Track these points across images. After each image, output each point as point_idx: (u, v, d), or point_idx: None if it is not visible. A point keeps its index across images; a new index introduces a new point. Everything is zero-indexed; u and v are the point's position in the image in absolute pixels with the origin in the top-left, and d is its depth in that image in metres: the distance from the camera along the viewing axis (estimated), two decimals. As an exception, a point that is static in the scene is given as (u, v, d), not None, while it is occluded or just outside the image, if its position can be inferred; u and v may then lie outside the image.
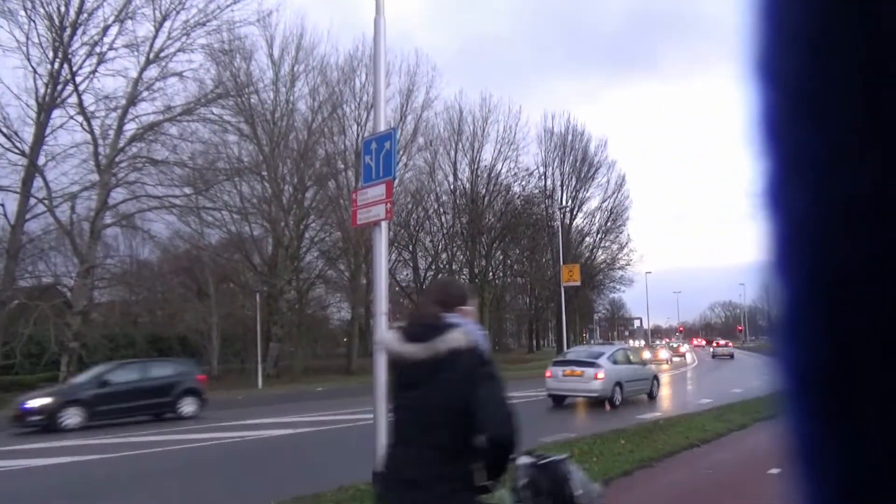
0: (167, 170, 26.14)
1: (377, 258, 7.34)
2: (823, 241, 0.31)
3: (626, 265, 53.45)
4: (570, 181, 50.71)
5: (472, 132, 43.85)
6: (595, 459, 8.20)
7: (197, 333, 34.64)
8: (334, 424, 13.34)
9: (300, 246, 34.47)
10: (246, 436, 11.95)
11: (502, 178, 44.16)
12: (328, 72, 35.42)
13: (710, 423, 11.56)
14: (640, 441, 9.63)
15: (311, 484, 7.02)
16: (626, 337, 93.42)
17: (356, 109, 36.41)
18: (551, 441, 9.76)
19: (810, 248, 0.32)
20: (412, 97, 38.95)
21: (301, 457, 10.08)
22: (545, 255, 47.21)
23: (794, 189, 0.32)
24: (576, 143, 50.69)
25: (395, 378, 2.53)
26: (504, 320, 58.93)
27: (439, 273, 44.11)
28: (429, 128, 40.58)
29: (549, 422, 13.83)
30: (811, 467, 0.34)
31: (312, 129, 34.34)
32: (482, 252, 43.01)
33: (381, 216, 7.08)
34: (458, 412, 2.22)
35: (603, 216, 52.36)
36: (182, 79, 26.25)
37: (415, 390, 2.33)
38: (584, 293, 50.86)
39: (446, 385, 2.26)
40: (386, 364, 3.02)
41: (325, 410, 15.96)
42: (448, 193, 43.83)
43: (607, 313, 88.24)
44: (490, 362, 2.35)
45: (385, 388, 7.18)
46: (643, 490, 6.95)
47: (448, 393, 2.25)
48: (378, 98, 7.62)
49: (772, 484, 7.12)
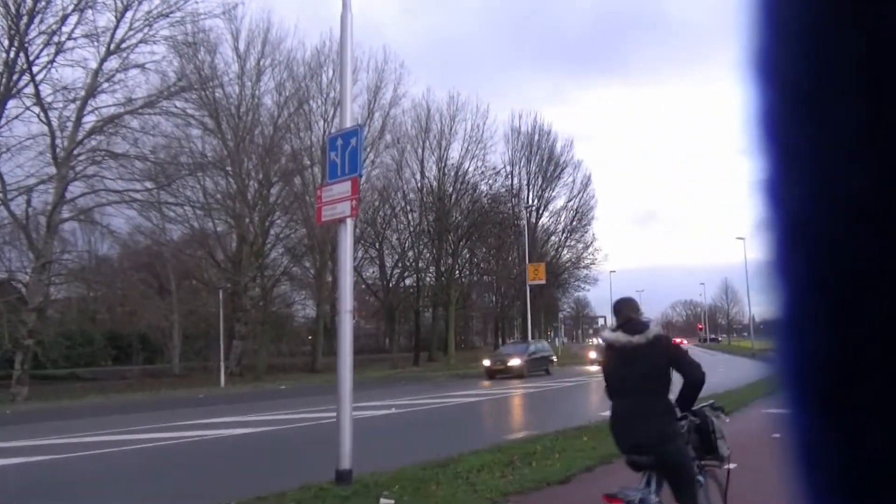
0: (128, 163, 25.60)
1: (342, 255, 7.31)
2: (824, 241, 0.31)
3: (591, 264, 54.15)
4: (537, 180, 51.14)
5: (440, 130, 43.90)
6: (557, 456, 8.29)
7: (158, 331, 34.00)
8: (298, 423, 13.22)
9: (265, 243, 34.07)
10: (206, 435, 11.77)
11: (469, 176, 44.31)
12: (295, 67, 35.12)
13: (670, 419, 11.77)
14: (602, 438, 9.73)
15: (273, 483, 6.95)
16: (590, 335, 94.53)
17: (323, 105, 36.16)
18: (514, 438, 9.83)
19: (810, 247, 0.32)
20: (380, 94, 38.83)
21: (263, 456, 9.97)
22: (511, 253, 47.48)
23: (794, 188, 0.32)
24: (542, 143, 51.14)
25: (613, 358, 3.99)
26: (470, 318, 59.22)
27: (405, 271, 44.07)
28: (396, 125, 40.52)
29: (513, 419, 13.93)
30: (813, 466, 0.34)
31: (278, 124, 33.97)
32: (449, 250, 43.05)
33: (347, 213, 7.04)
34: (661, 372, 3.82)
35: (568, 215, 52.95)
36: (144, 71, 25.74)
37: (635, 363, 3.81)
38: (550, 292, 51.33)
39: (655, 356, 3.81)
40: (605, 350, 4.23)
41: (289, 409, 15.81)
42: (415, 191, 43.79)
43: (572, 311, 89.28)
44: (670, 339, 4.00)
45: (350, 387, 7.16)
46: (605, 485, 7.03)
47: (657, 360, 3.81)
48: (344, 94, 7.58)
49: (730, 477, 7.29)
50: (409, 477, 7.01)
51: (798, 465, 0.34)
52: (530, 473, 7.36)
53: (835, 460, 0.32)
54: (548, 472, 7.44)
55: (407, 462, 7.87)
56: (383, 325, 50.77)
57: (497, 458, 8.14)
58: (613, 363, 4.00)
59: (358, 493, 6.38)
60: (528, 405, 16.92)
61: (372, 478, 6.93)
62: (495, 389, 21.16)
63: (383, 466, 7.57)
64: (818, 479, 0.33)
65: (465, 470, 7.40)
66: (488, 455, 8.31)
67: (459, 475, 7.19)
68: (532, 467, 7.69)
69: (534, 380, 25.66)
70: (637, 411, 3.82)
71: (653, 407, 3.80)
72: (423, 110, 43.17)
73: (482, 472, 7.39)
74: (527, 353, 28.16)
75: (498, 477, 7.19)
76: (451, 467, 7.53)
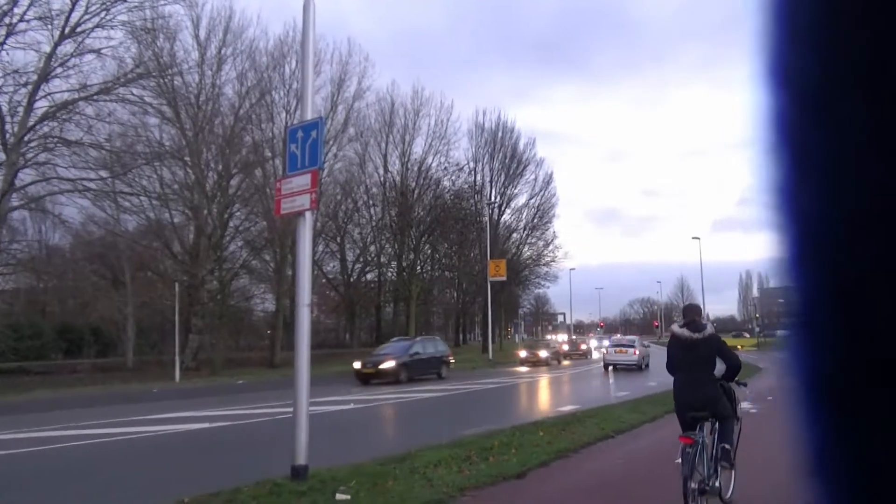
0: (81, 151, 24.84)
1: (301, 248, 7.24)
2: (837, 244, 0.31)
3: (552, 261, 54.63)
4: (500, 177, 51.38)
5: (404, 125, 43.76)
6: (514, 451, 8.37)
7: (111, 324, 33.17)
8: (254, 418, 13.06)
9: (224, 235, 33.47)
10: (159, 430, 11.55)
11: (432, 171, 44.29)
12: (257, 56, 34.53)
13: (625, 414, 11.99)
14: (558, 433, 9.89)
15: (227, 479, 6.85)
16: (549, 331, 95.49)
17: (285, 97, 35.66)
18: (471, 433, 9.88)
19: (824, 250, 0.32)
20: (343, 87, 38.47)
21: (218, 451, 9.83)
22: (473, 249, 47.65)
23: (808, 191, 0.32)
24: (506, 140, 51.39)
25: (678, 346, 5.58)
26: (432, 314, 59.17)
27: (367, 265, 43.83)
28: (360, 118, 40.21)
29: (470, 415, 14.00)
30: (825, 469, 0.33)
31: (239, 114, 33.38)
32: (411, 245, 42.97)
33: (306, 206, 6.97)
34: (711, 358, 5.48)
35: (530, 213, 53.34)
36: (100, 56, 24.99)
37: (693, 351, 5.46)
38: (510, 288, 51.66)
39: (708, 348, 5.44)
40: (671, 342, 5.74)
41: (246, 404, 15.61)
42: (378, 186, 43.57)
43: (532, 308, 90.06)
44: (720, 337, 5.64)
45: (307, 381, 7.10)
46: (560, 480, 7.14)
47: (709, 351, 5.46)
48: (305, 85, 7.50)
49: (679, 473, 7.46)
50: (365, 472, 7.00)
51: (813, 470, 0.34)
52: (487, 468, 7.42)
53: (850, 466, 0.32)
54: (504, 466, 7.51)
55: (364, 457, 7.85)
56: (344, 319, 50.41)
57: (454, 453, 8.17)
58: (678, 349, 5.64)
59: (314, 489, 6.34)
60: (480, 402, 17.02)
61: (328, 473, 6.89)
62: (457, 385, 21.23)
63: (340, 462, 7.54)
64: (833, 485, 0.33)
65: (422, 465, 7.41)
66: (446, 450, 8.34)
67: (416, 470, 7.20)
68: (489, 462, 7.74)
69: (424, 384, 21.81)
70: (692, 382, 5.48)
71: (703, 381, 5.48)
72: (387, 104, 43.02)
73: (439, 467, 7.41)
74: (407, 354, 23.42)
75: (455, 472, 7.23)
76: (409, 462, 7.54)
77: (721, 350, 5.61)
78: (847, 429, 0.32)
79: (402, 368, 22.58)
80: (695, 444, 5.21)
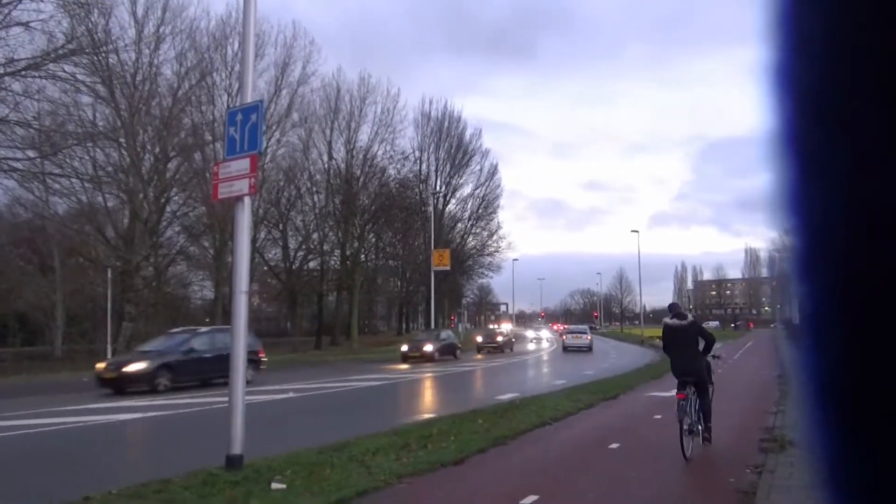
0: (7, 129, 23.58)
1: (239, 234, 7.10)
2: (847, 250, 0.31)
3: (495, 252, 55.21)
4: (445, 167, 51.51)
5: (349, 112, 43.21)
6: (453, 438, 8.45)
7: (38, 311, 31.83)
8: (190, 408, 12.77)
9: (160, 220, 32.45)
10: (89, 421, 11.16)
11: (378, 160, 43.94)
12: (198, 36, 33.46)
13: (561, 402, 12.25)
14: (496, 420, 10.03)
15: (158, 470, 6.69)
16: (492, 321, 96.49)
17: (227, 79, 34.71)
18: (411, 421, 9.92)
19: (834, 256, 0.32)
20: (288, 71, 37.69)
21: (150, 442, 9.58)
22: (418, 239, 47.64)
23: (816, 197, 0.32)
24: (452, 130, 51.51)
25: (670, 333, 7.76)
26: (375, 303, 58.99)
27: (310, 253, 43.19)
28: (304, 104, 39.45)
29: (411, 404, 14.05)
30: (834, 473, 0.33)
31: (178, 96, 32.32)
32: (355, 233, 42.62)
33: (245, 191, 6.84)
34: (694, 340, 7.64)
35: (475, 203, 53.71)
36: (28, 29, 23.66)
37: (682, 334, 7.66)
38: (454, 278, 51.94)
39: (691, 332, 7.66)
40: (665, 331, 7.91)
41: (180, 393, 15.24)
42: (322, 173, 42.94)
43: (476, 298, 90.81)
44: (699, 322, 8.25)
45: (243, 370, 6.99)
46: (497, 466, 7.25)
47: (692, 334, 7.66)
48: (246, 67, 7.33)
49: (612, 457, 7.69)
50: (302, 461, 6.94)
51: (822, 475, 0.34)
52: (425, 455, 7.47)
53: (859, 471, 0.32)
54: (442, 454, 7.58)
55: (302, 446, 7.78)
56: (285, 308, 49.69)
57: (393, 441, 8.20)
58: (670, 335, 7.84)
59: (249, 479, 6.25)
60: (417, 390, 17.10)
61: (264, 462, 6.81)
62: (398, 374, 21.26)
63: (277, 451, 7.46)
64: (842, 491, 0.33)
65: (360, 453, 7.41)
66: (385, 438, 8.36)
67: (354, 458, 7.19)
68: (427, 450, 7.79)
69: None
70: (683, 358, 7.65)
71: (690, 356, 7.64)
72: (332, 90, 42.36)
73: (377, 454, 7.42)
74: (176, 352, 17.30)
75: (393, 459, 7.25)
76: (347, 451, 7.52)
77: (701, 332, 7.84)
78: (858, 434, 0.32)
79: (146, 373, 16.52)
80: (686, 398, 7.37)
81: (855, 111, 0.30)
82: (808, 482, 1.74)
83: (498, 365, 27.79)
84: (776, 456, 7.20)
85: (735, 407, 10.21)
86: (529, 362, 30.77)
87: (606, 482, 6.44)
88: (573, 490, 6.16)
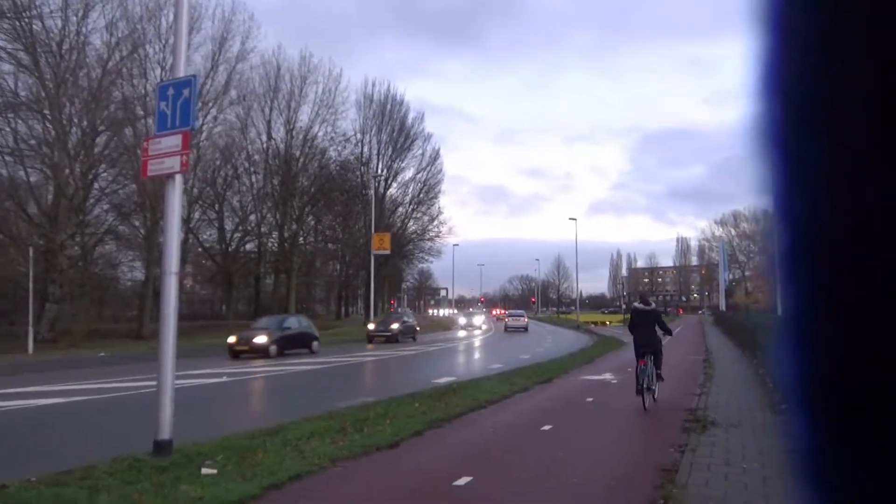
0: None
1: (170, 214, 6.88)
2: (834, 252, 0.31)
3: (436, 237, 55.26)
4: (387, 150, 51.08)
5: (290, 91, 42.25)
6: (389, 422, 8.46)
7: (-48, 290, 30.15)
8: (117, 392, 12.35)
9: (87, 197, 31.07)
10: (6, 406, 10.66)
11: (318, 141, 43.20)
12: (130, 6, 32.02)
13: (498, 386, 12.43)
14: (433, 403, 10.10)
15: (82, 456, 6.45)
16: (432, 305, 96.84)
17: (161, 52, 33.36)
18: (347, 405, 9.89)
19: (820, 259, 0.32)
20: (226, 46, 36.52)
21: (73, 427, 9.22)
22: (358, 222, 47.22)
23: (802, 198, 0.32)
24: (394, 113, 51.06)
25: (637, 315, 10.48)
26: (313, 286, 58.22)
27: (247, 235, 42.23)
28: (243, 81, 38.37)
29: (349, 387, 13.99)
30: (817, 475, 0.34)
31: (108, 67, 30.91)
32: (294, 215, 41.89)
33: (176, 169, 6.61)
34: (655, 322, 10.33)
35: (416, 187, 53.52)
36: (-60, -10, 22.19)
37: (646, 317, 10.35)
38: (394, 262, 51.78)
39: (654, 318, 10.36)
40: (633, 313, 10.65)
41: (108, 377, 14.72)
42: (260, 153, 41.94)
43: (416, 283, 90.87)
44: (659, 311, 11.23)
45: (172, 352, 6.80)
46: (432, 449, 7.31)
47: (654, 317, 10.39)
48: (179, 39, 7.06)
49: (545, 439, 7.87)
50: (234, 445, 6.82)
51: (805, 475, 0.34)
52: (361, 439, 7.45)
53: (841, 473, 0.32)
54: (378, 437, 7.58)
55: (235, 431, 7.65)
56: (220, 290, 48.51)
57: (329, 424, 8.15)
58: (636, 316, 10.44)
59: (177, 464, 6.11)
60: (362, 373, 17.04)
61: (194, 448, 6.66)
62: (335, 357, 21.10)
63: (209, 436, 7.30)
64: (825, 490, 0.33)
65: (294, 437, 7.33)
66: (320, 422, 8.30)
67: (288, 442, 7.11)
68: (363, 433, 7.78)
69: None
70: (645, 335, 10.14)
71: (649, 333, 10.11)
72: (272, 68, 41.31)
73: (312, 438, 7.37)
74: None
75: (328, 443, 7.21)
76: (281, 435, 7.43)
77: (658, 317, 10.52)
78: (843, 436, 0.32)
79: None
80: (646, 364, 9.91)
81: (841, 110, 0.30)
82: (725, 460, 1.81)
83: (437, 349, 27.95)
84: (698, 436, 7.51)
85: (663, 390, 10.58)
86: (469, 347, 31.08)
87: (538, 462, 6.58)
88: (506, 470, 6.27)
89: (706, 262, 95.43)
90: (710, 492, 5.25)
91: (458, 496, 5.48)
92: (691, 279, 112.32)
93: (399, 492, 5.66)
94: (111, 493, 5.29)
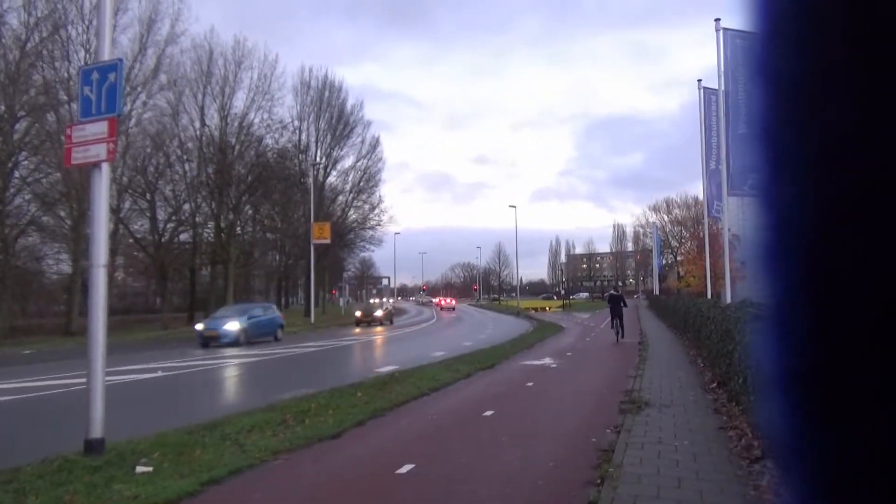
0: None
1: (96, 204, 6.60)
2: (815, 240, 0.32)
3: (377, 225, 54.91)
4: (326, 138, 50.35)
5: (223, 76, 40.97)
6: (331, 412, 8.41)
7: None
8: (42, 391, 11.84)
9: (7, 186, 29.49)
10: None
11: (254, 128, 42.10)
12: (48, -17, 30.38)
13: (440, 373, 12.51)
14: (375, 393, 10.08)
15: (7, 458, 6.16)
16: (374, 294, 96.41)
17: (84, 33, 31.86)
18: (289, 397, 9.77)
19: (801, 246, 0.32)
20: (154, 28, 35.15)
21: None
22: (297, 211, 46.42)
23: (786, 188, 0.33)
24: (333, 100, 50.34)
25: (611, 299, 22.87)
26: (252, 277, 57.02)
27: (181, 225, 40.94)
28: (173, 66, 37.00)
29: (289, 379, 13.81)
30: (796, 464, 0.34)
31: (27, 49, 29.35)
32: (230, 205, 40.79)
33: (102, 157, 6.35)
34: (621, 300, 22.21)
35: (356, 176, 52.98)
36: None
37: (617, 298, 22.38)
38: (335, 251, 51.24)
39: (619, 299, 22.29)
40: (609, 297, 23.33)
41: (33, 375, 14.08)
42: (194, 140, 40.59)
43: (357, 272, 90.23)
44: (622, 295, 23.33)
45: (102, 348, 6.56)
46: (375, 438, 7.31)
47: (620, 299, 22.26)
48: (103, 20, 6.75)
49: (487, 425, 7.98)
50: (170, 442, 6.65)
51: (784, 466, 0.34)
52: (302, 431, 7.39)
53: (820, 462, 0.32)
54: (320, 428, 7.52)
55: (171, 427, 7.45)
56: (154, 283, 46.93)
57: (269, 417, 8.04)
58: (611, 299, 22.63)
59: (111, 463, 5.91)
60: (300, 364, 16.87)
61: (128, 445, 6.47)
62: (276, 349, 20.79)
63: (143, 433, 7.09)
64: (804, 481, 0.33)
65: (233, 431, 7.20)
66: (260, 415, 8.17)
67: (227, 437, 6.98)
68: (305, 425, 7.71)
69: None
70: (615, 310, 21.59)
71: (617, 308, 21.54)
72: (204, 53, 39.93)
73: (252, 432, 7.25)
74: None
75: (269, 436, 7.12)
76: (219, 429, 7.29)
77: (622, 299, 22.00)
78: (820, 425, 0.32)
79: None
80: (615, 323, 21.02)
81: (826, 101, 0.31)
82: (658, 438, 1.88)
83: (378, 338, 27.87)
84: (633, 416, 7.76)
85: (599, 372, 10.89)
86: (412, 335, 31.12)
87: (479, 447, 6.67)
88: (448, 456, 6.33)
89: (640, 248, 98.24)
90: (643, 470, 5.44)
91: (401, 484, 5.51)
92: (627, 265, 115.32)
93: (342, 482, 5.64)
94: (40, 496, 5.08)
